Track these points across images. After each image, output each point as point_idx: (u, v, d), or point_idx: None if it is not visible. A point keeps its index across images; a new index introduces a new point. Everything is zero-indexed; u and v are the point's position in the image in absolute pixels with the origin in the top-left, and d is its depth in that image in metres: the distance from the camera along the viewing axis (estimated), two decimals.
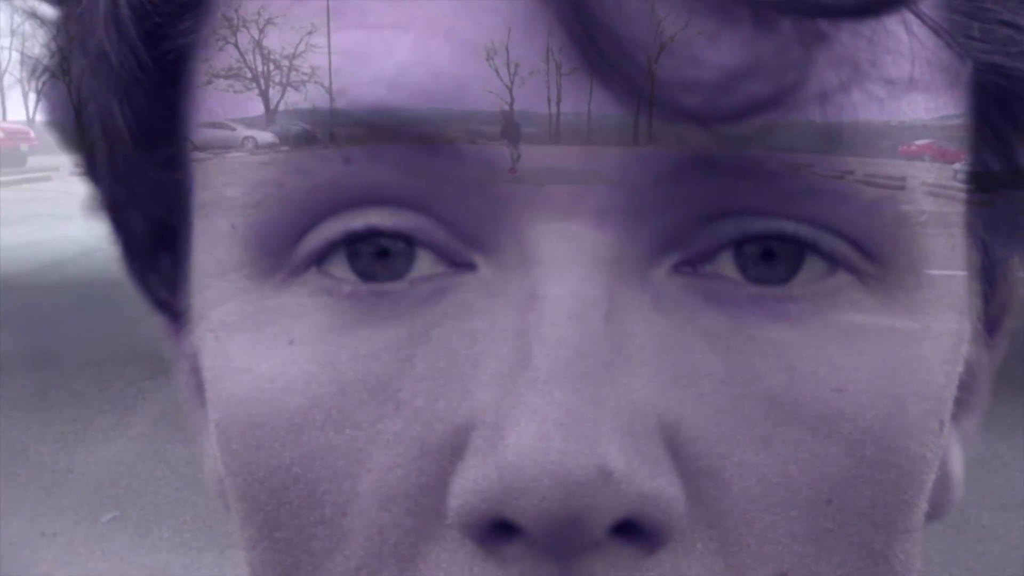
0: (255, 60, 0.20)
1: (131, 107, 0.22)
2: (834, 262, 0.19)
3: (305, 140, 0.19)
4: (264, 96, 0.20)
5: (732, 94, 0.18)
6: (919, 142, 0.20)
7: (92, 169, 0.24)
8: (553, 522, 0.17)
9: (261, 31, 0.20)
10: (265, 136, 0.20)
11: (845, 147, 0.19)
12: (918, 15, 0.19)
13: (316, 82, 0.19)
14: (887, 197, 0.20)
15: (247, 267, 0.21)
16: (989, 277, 0.24)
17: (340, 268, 0.20)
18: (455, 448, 0.18)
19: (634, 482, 0.17)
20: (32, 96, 0.22)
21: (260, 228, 0.20)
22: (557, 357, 0.17)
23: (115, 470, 2.70)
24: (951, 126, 0.21)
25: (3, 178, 9.72)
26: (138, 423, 3.04)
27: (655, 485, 0.17)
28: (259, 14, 0.20)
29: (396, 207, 0.19)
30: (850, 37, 0.18)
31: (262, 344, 0.20)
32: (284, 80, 0.19)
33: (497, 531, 0.18)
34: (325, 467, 0.19)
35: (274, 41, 0.20)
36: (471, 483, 0.17)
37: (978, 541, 2.48)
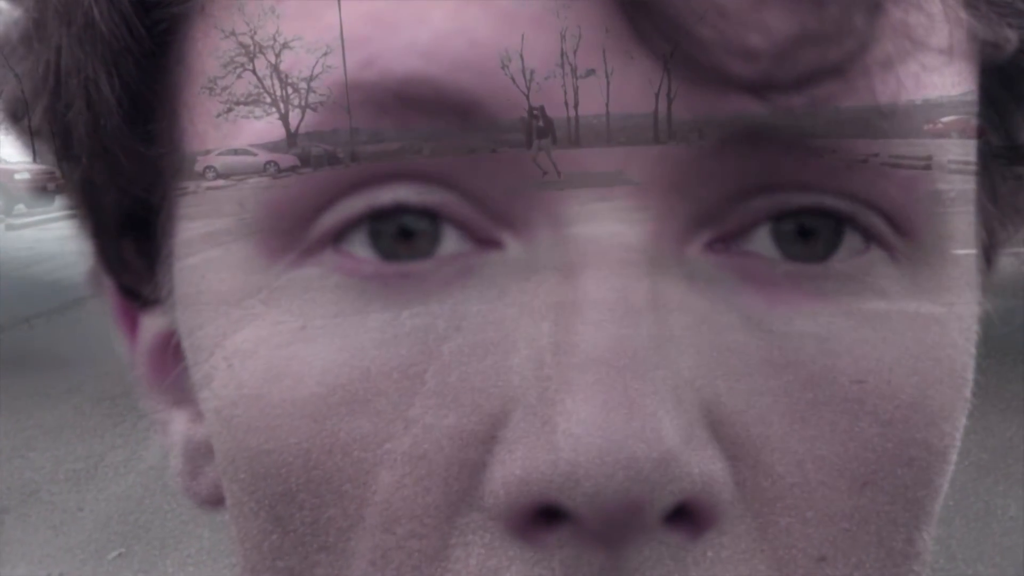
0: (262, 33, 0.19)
1: (119, 78, 0.21)
2: (869, 237, 0.19)
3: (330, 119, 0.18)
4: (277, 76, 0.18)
5: (788, 63, 0.17)
6: (945, 119, 0.20)
7: (67, 148, 0.23)
8: (612, 508, 0.16)
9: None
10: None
11: (902, 120, 0.18)
12: None
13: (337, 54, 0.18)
14: (924, 172, 0.19)
15: (254, 247, 0.19)
16: (989, 256, 0.23)
17: (361, 247, 0.19)
18: (489, 434, 0.17)
19: (692, 465, 0.16)
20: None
21: (273, 205, 0.19)
22: (603, 337, 0.17)
23: (124, 505, 2.71)
24: (973, 100, 0.20)
25: (32, 219, 10.01)
26: (149, 457, 3.06)
27: (710, 468, 0.17)
28: None
29: (423, 182, 0.18)
30: (902, 9, 0.18)
31: (271, 328, 0.19)
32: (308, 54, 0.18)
33: (540, 517, 0.17)
34: (346, 456, 0.18)
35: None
36: (519, 469, 0.17)
37: (1004, 534, 2.38)
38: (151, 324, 0.26)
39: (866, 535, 0.19)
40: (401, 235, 0.19)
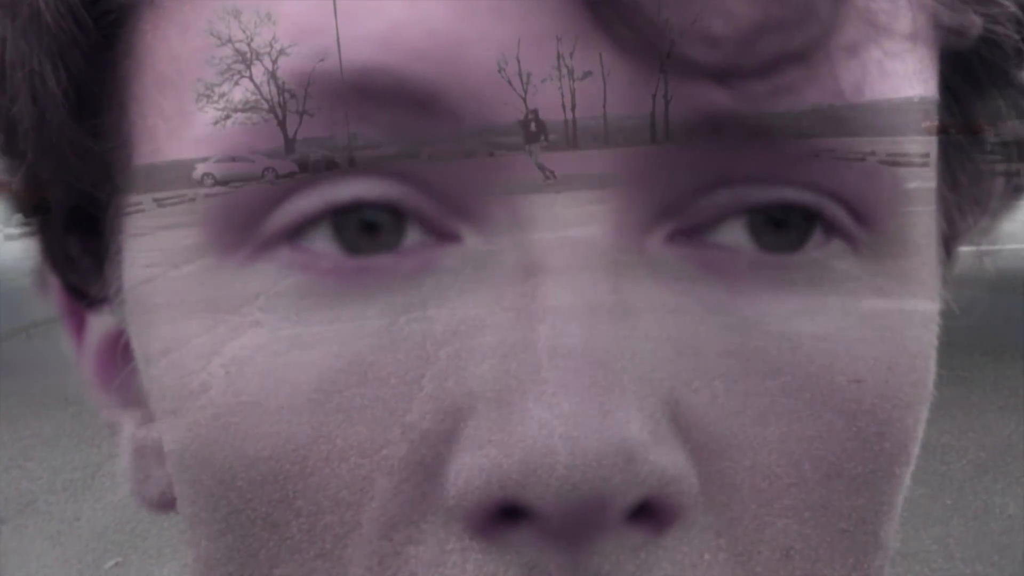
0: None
1: (66, 71, 0.20)
2: (831, 229, 0.19)
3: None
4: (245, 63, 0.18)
5: (751, 49, 0.16)
6: None
7: (12, 143, 0.22)
8: (574, 504, 0.16)
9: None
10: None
11: (864, 108, 0.18)
12: None
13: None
14: (886, 162, 0.19)
15: (206, 243, 0.19)
16: (949, 247, 0.23)
17: (320, 241, 0.18)
18: (451, 429, 0.17)
19: (656, 461, 0.16)
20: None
21: (224, 200, 0.18)
22: (563, 333, 0.17)
23: (121, 515, 2.70)
24: (934, 89, 0.20)
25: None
26: (203, 456, 3.05)
27: (674, 464, 0.17)
28: None
29: (382, 176, 0.18)
30: None
31: (225, 327, 0.19)
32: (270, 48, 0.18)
33: (502, 516, 0.16)
34: (306, 456, 0.18)
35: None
36: (478, 465, 0.16)
37: (1003, 533, 2.37)
38: (98, 324, 0.25)
39: (831, 528, 0.19)
40: (364, 229, 0.18)
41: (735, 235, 0.19)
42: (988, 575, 2.19)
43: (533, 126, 0.17)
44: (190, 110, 0.19)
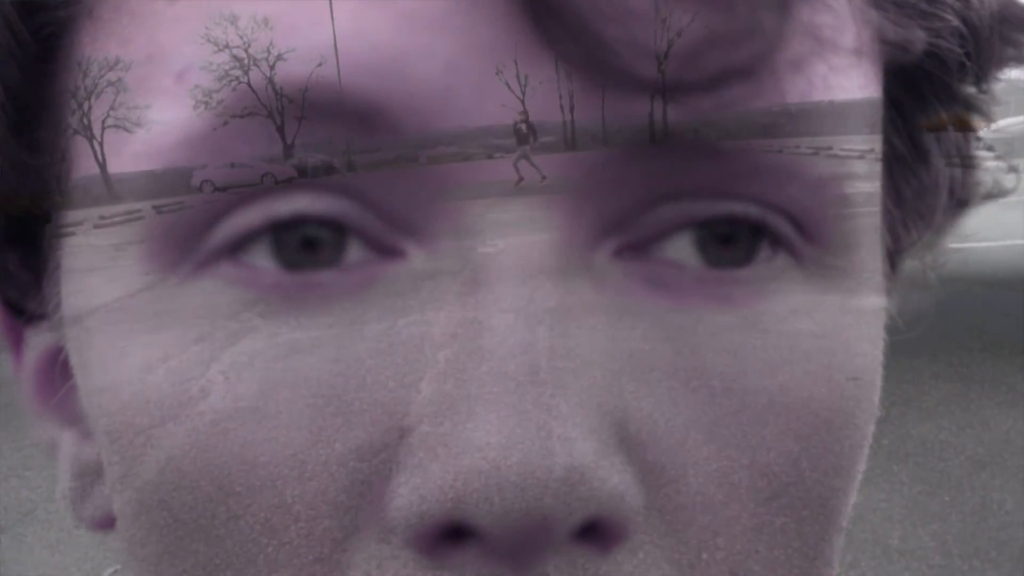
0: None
1: (2, 84, 0.20)
2: (777, 243, 0.19)
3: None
4: None
5: (696, 64, 0.16)
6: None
7: None
8: (519, 525, 0.16)
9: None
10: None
11: (810, 122, 0.18)
12: None
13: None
14: (831, 176, 0.19)
15: (146, 259, 0.19)
16: (893, 261, 0.23)
17: (261, 257, 0.18)
18: (394, 450, 0.17)
19: (602, 481, 0.16)
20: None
21: (164, 217, 0.18)
22: (507, 350, 0.16)
23: (120, 522, 2.71)
24: (879, 103, 0.20)
25: None
26: (144, 472, 3.05)
27: (620, 483, 0.16)
28: None
29: (324, 191, 0.18)
30: (810, 9, 0.18)
31: (163, 344, 0.18)
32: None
33: (446, 537, 0.16)
34: (242, 477, 0.18)
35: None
36: (421, 487, 0.16)
37: (1001, 528, 2.36)
38: (37, 341, 0.25)
39: (778, 547, 0.19)
40: (305, 245, 0.18)
41: (682, 250, 0.19)
42: (986, 572, 2.18)
43: (524, 128, 0.17)
44: None
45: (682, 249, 0.19)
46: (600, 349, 0.17)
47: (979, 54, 0.21)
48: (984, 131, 0.23)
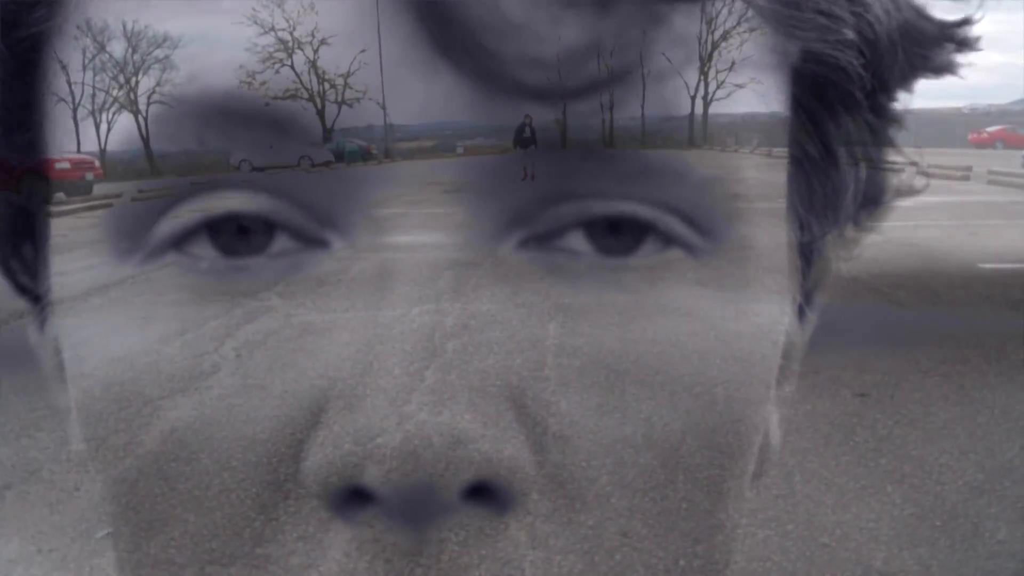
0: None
1: None
2: (669, 238, 0.21)
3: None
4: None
5: (573, 71, 0.18)
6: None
7: None
8: (405, 487, 0.18)
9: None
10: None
11: (683, 126, 0.20)
12: (747, 1, 0.21)
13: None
14: (719, 176, 0.21)
15: (106, 250, 0.21)
16: (807, 253, 0.25)
17: (200, 246, 0.21)
18: (310, 420, 0.19)
19: (483, 446, 0.18)
20: (104, 127, 0.24)
21: (116, 210, 0.21)
22: (408, 331, 0.19)
23: (118, 488, 2.75)
24: (778, 110, 0.22)
25: (70, 207, 10.27)
26: (148, 441, 3.12)
27: (504, 448, 0.18)
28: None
29: (253, 191, 0.20)
30: (685, 20, 0.19)
31: (119, 323, 0.21)
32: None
33: (352, 498, 0.19)
34: (182, 443, 0.20)
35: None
36: (326, 452, 0.18)
37: (989, 558, 2.32)
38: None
39: (668, 511, 0.21)
40: (238, 234, 0.21)
41: (577, 241, 0.21)
42: None
43: (527, 131, 0.19)
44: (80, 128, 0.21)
45: (577, 240, 0.21)
46: (498, 328, 0.19)
47: (879, 66, 0.23)
48: None
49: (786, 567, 2.27)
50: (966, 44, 0.25)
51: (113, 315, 0.21)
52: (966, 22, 0.25)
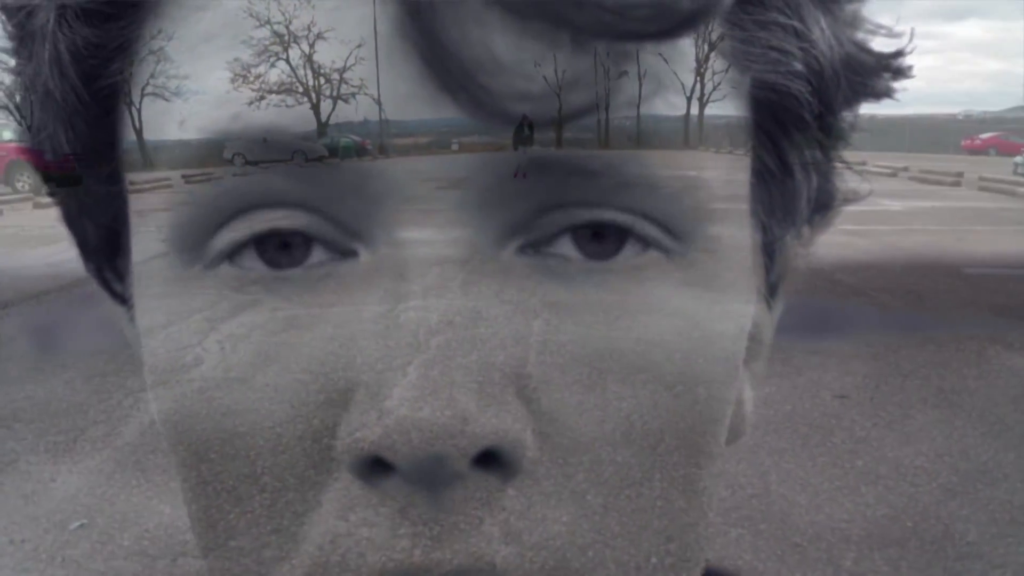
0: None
1: (74, 134, 0.26)
2: (647, 242, 0.24)
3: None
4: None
5: (553, 104, 0.22)
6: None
7: (50, 186, 0.29)
8: (420, 459, 0.21)
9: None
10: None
11: (651, 146, 0.23)
12: (706, 40, 0.25)
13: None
14: (690, 187, 0.24)
15: (170, 261, 0.24)
16: (769, 252, 0.29)
17: (249, 259, 0.24)
18: (341, 403, 0.22)
19: (486, 422, 0.21)
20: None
21: (178, 229, 0.24)
22: (421, 329, 0.22)
23: (94, 479, 2.77)
24: (736, 128, 0.26)
25: (39, 199, 10.22)
26: (127, 433, 3.13)
27: (504, 423, 0.21)
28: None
29: (291, 208, 0.23)
30: (653, 56, 0.23)
31: (184, 325, 0.24)
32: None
33: (377, 468, 0.22)
34: (237, 425, 0.23)
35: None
36: (355, 429, 0.21)
37: (958, 559, 2.33)
38: None
39: (653, 478, 0.24)
40: (281, 248, 0.24)
41: (567, 247, 0.24)
42: None
43: (527, 131, 0.22)
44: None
45: (566, 246, 0.24)
46: (503, 323, 0.22)
47: (825, 93, 0.27)
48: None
49: (756, 566, 2.28)
50: (900, 73, 0.29)
51: (181, 319, 0.24)
52: (900, 54, 0.29)
